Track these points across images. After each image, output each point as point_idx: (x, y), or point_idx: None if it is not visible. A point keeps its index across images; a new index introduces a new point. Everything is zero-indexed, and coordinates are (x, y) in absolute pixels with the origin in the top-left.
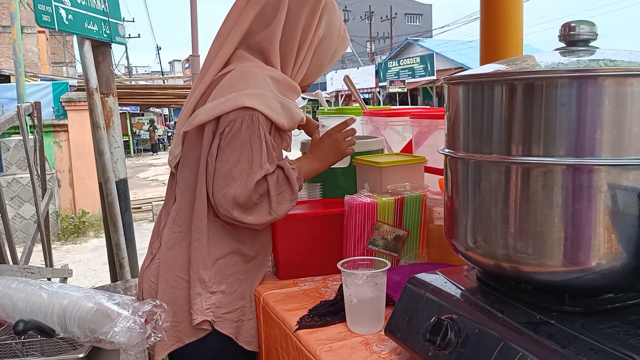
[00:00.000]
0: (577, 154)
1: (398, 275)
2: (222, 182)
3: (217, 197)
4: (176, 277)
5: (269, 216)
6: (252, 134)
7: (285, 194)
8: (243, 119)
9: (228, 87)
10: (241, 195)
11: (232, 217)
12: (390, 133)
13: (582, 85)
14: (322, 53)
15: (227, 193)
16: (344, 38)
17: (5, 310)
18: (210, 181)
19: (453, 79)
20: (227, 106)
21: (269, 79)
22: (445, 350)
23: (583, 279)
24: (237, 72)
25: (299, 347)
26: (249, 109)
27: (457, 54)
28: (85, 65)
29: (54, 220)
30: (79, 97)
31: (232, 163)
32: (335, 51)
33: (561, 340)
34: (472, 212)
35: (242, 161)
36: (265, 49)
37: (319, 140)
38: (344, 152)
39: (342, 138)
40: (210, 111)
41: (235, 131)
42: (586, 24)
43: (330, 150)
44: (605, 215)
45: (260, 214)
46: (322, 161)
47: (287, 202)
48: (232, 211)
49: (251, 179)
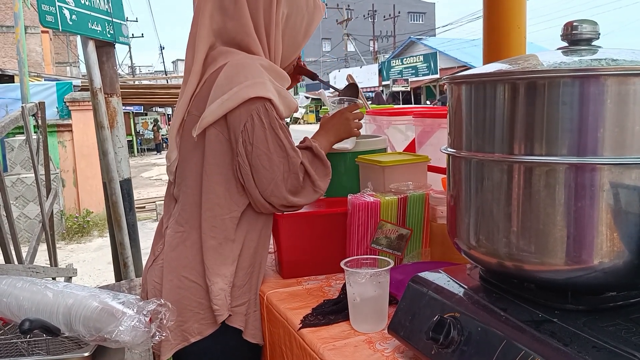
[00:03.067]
0: (579, 153)
1: (401, 274)
2: (267, 175)
3: (267, 189)
4: (180, 277)
5: (315, 194)
6: (271, 121)
7: (320, 169)
8: (258, 111)
9: (227, 83)
10: (289, 180)
11: (287, 202)
12: (394, 132)
13: (584, 85)
14: (292, 30)
15: (276, 182)
16: (315, 8)
17: (10, 309)
18: (249, 179)
19: (456, 78)
20: (232, 102)
21: (262, 67)
22: (448, 349)
23: (585, 277)
24: (231, 66)
25: (302, 346)
26: (257, 100)
27: (461, 52)
28: (89, 65)
29: (58, 219)
30: (82, 97)
31: (269, 154)
32: (309, 24)
33: (563, 339)
34: (474, 210)
35: (276, 149)
36: (243, 41)
37: (330, 117)
38: (352, 131)
39: (352, 118)
40: (216, 110)
41: (257, 124)
42: (588, 23)
43: (341, 126)
44: (607, 213)
45: (307, 193)
46: (335, 135)
47: (324, 176)
48: (287, 196)
49: (293, 162)
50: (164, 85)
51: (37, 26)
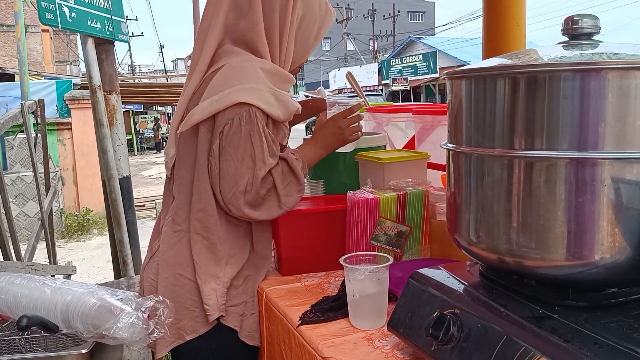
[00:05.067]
0: (580, 148)
1: (400, 271)
2: (230, 181)
3: (227, 196)
4: (176, 274)
5: (279, 209)
6: (251, 129)
7: (292, 185)
8: (240, 116)
9: (221, 84)
10: (249, 193)
11: (243, 214)
12: (393, 129)
13: (585, 79)
14: (305, 32)
15: (236, 192)
16: (326, 12)
17: (8, 306)
18: (216, 181)
19: (455, 73)
20: (221, 104)
21: (261, 71)
22: (447, 345)
23: (586, 273)
24: (229, 68)
25: (301, 343)
26: (244, 105)
27: (460, 51)
28: (88, 63)
29: (58, 218)
30: (82, 96)
31: (236, 162)
32: (320, 28)
33: (564, 335)
34: (474, 206)
35: (245, 158)
36: (252, 40)
37: (322, 126)
38: (347, 139)
39: (345, 125)
40: (205, 110)
41: (234, 129)
42: (589, 18)
43: (332, 137)
44: (608, 209)
45: (270, 208)
46: (325, 147)
47: (294, 193)
48: (243, 209)
49: (257, 175)
50: (163, 84)
51: (37, 25)
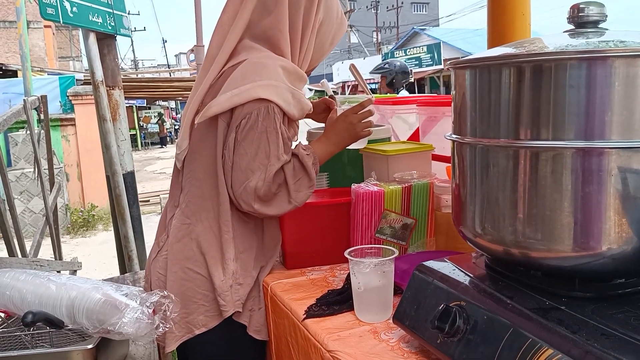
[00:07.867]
0: (586, 137)
1: (406, 264)
2: (242, 176)
3: (238, 190)
4: (185, 268)
5: (289, 205)
6: (268, 125)
7: (303, 181)
8: (259, 111)
9: (241, 79)
10: (261, 188)
11: (253, 209)
12: (397, 121)
13: (591, 67)
14: (323, 36)
15: (247, 186)
16: (342, 20)
17: (14, 302)
18: (229, 175)
19: (459, 63)
20: (241, 98)
21: (281, 69)
22: (454, 338)
23: (593, 264)
24: (250, 63)
25: (307, 336)
26: (263, 101)
27: (465, 42)
28: (90, 58)
29: (63, 214)
30: (85, 91)
31: (250, 156)
32: (335, 34)
33: (571, 326)
34: (480, 198)
35: (259, 154)
36: (274, 37)
37: (334, 122)
38: (359, 134)
39: (357, 120)
40: (224, 103)
41: (251, 124)
42: (595, 5)
43: (344, 133)
44: (615, 198)
45: (280, 203)
46: (337, 144)
47: (305, 189)
48: (253, 204)
49: (269, 171)
50: (166, 79)
51: (39, 21)
